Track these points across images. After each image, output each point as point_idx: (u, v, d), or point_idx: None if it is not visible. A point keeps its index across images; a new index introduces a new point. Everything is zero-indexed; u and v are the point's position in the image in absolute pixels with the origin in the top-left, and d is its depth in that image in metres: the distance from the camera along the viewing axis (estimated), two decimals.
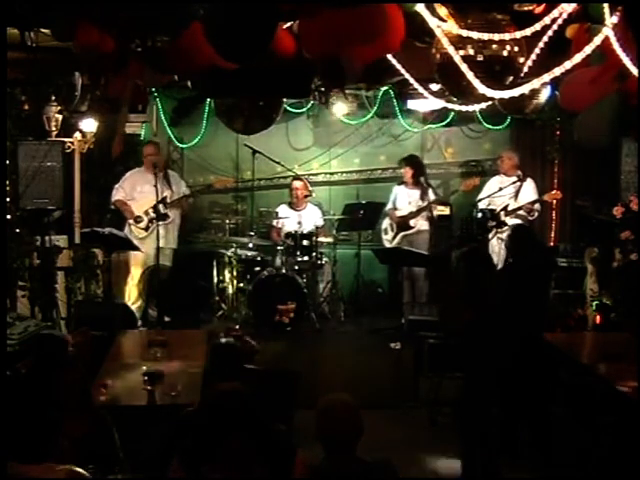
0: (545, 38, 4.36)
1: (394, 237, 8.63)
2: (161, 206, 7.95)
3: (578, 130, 4.83)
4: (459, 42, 4.30)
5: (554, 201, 8.68)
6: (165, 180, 8.06)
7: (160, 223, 7.89)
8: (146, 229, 7.99)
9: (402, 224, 8.57)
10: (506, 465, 5.41)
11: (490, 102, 4.87)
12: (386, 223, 8.75)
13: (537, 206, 8.29)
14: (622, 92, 4.41)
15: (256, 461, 3.09)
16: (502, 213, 8.22)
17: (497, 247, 8.28)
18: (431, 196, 8.52)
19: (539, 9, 4.28)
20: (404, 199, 8.60)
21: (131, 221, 8.03)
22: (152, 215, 7.96)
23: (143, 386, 4.58)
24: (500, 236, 8.19)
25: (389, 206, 8.71)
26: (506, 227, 7.90)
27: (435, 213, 8.48)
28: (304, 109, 9.08)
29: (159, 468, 3.55)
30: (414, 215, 8.49)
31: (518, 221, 8.08)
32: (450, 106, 5.63)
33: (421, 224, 8.55)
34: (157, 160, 8.02)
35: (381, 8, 4.08)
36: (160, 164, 8.03)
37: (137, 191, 8.06)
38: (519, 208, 8.24)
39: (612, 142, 5.37)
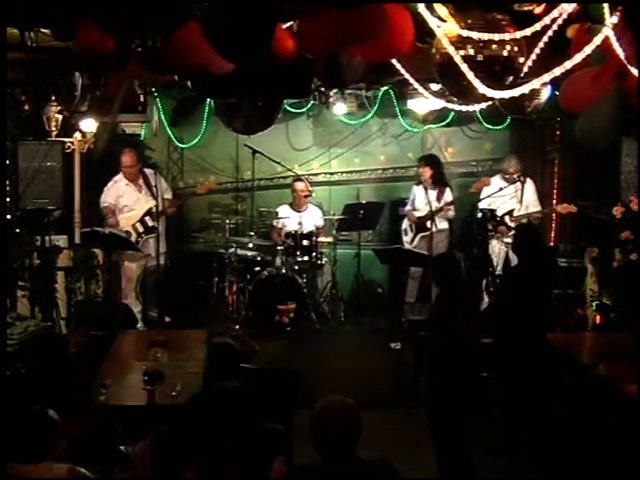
0: (545, 38, 4.36)
1: (413, 238, 8.56)
2: (148, 218, 7.86)
3: (580, 130, 4.82)
4: (459, 42, 4.30)
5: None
6: (147, 188, 7.87)
7: (150, 236, 7.82)
8: (136, 243, 7.89)
9: (420, 225, 8.51)
10: (506, 465, 5.42)
11: (490, 102, 4.87)
12: (406, 224, 8.67)
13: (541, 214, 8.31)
14: (622, 91, 4.40)
15: (230, 462, 3.09)
16: (507, 218, 8.20)
17: (497, 248, 8.29)
18: (448, 197, 8.46)
19: (539, 9, 4.27)
20: (422, 199, 8.46)
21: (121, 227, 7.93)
22: (140, 230, 7.90)
23: (143, 386, 4.58)
24: (505, 240, 8.17)
25: (408, 207, 8.64)
26: (511, 232, 7.89)
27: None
28: (304, 109, 9.09)
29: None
30: (431, 216, 8.43)
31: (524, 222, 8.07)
32: (450, 106, 5.63)
33: (439, 224, 8.43)
34: (135, 171, 7.88)
35: (382, 8, 4.08)
36: (137, 172, 7.89)
37: (122, 204, 7.89)
38: (526, 215, 8.21)
39: (613, 142, 5.37)
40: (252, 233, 8.45)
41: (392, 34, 4.24)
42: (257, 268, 8.25)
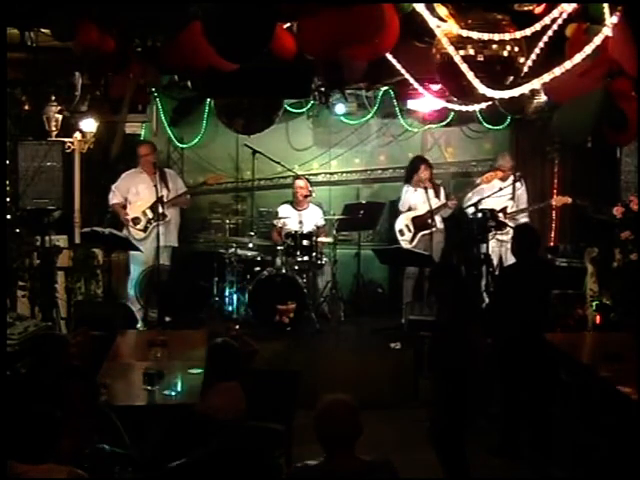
0: (545, 38, 4.36)
1: (413, 237, 8.52)
2: (158, 205, 7.97)
3: (557, 120, 4.81)
4: (459, 42, 4.30)
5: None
6: (161, 179, 8.00)
7: (159, 223, 7.90)
8: (144, 230, 7.98)
9: (421, 224, 8.47)
10: (506, 465, 5.43)
11: (490, 102, 4.87)
12: (401, 224, 8.58)
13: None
14: (608, 90, 4.40)
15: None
16: (500, 215, 8.20)
17: (496, 248, 8.28)
18: (442, 195, 8.50)
19: (539, 9, 4.27)
20: (420, 198, 8.43)
21: (131, 222, 8.01)
22: (150, 216, 7.98)
23: (143, 386, 4.58)
24: (500, 237, 8.18)
25: (402, 207, 8.61)
26: (506, 229, 7.90)
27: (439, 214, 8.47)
28: (304, 109, 9.08)
29: (159, 468, 3.55)
30: (433, 214, 8.38)
31: (525, 222, 8.08)
32: (450, 106, 5.63)
33: (437, 223, 8.46)
34: (154, 160, 8.04)
35: (379, 8, 4.09)
36: (156, 164, 8.05)
37: (133, 192, 8.03)
38: (521, 211, 8.22)
39: (590, 137, 5.36)
40: (252, 233, 8.44)
41: (381, 32, 4.24)
42: (257, 268, 8.24)
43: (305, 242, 8.13)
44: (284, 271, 8.02)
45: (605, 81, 4.30)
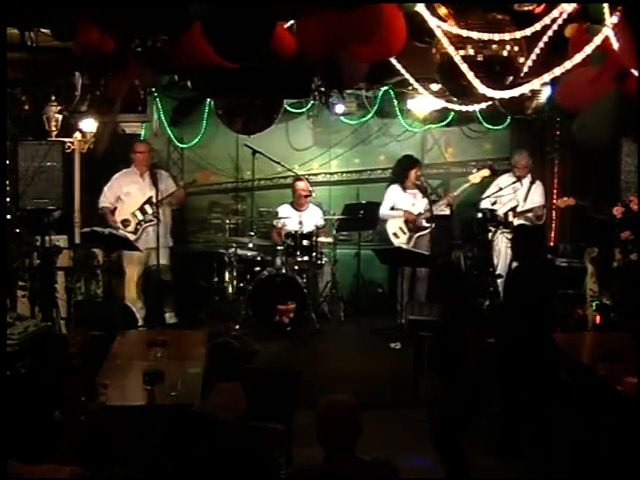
0: (545, 38, 4.37)
1: (409, 239, 8.45)
2: (147, 207, 7.93)
3: (577, 128, 4.81)
4: (459, 42, 4.31)
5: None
6: (151, 180, 7.93)
7: (149, 224, 7.89)
8: (135, 232, 7.93)
9: (414, 226, 8.40)
10: (506, 465, 5.43)
11: (490, 102, 4.88)
12: (395, 226, 8.50)
13: (545, 211, 8.29)
14: (622, 91, 4.40)
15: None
16: (510, 214, 8.19)
17: (500, 246, 8.27)
18: (425, 198, 8.47)
19: (539, 9, 4.28)
20: (407, 200, 8.43)
21: (120, 225, 7.97)
22: (140, 218, 7.94)
23: (143, 386, 4.58)
24: (508, 236, 8.16)
25: (388, 209, 8.53)
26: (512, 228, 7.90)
27: (435, 212, 8.43)
28: (304, 109, 9.08)
29: (159, 468, 3.56)
30: (424, 215, 8.34)
31: (524, 222, 8.06)
32: (450, 106, 5.64)
33: (425, 223, 8.43)
34: (149, 160, 8.03)
35: (379, 9, 4.09)
36: (151, 164, 8.04)
37: (124, 193, 7.95)
38: (529, 210, 8.21)
39: (611, 141, 5.33)
40: (252, 233, 8.44)
41: (386, 33, 4.24)
42: (257, 268, 8.24)
43: (305, 242, 8.13)
44: (284, 271, 8.02)
45: (618, 84, 4.29)
